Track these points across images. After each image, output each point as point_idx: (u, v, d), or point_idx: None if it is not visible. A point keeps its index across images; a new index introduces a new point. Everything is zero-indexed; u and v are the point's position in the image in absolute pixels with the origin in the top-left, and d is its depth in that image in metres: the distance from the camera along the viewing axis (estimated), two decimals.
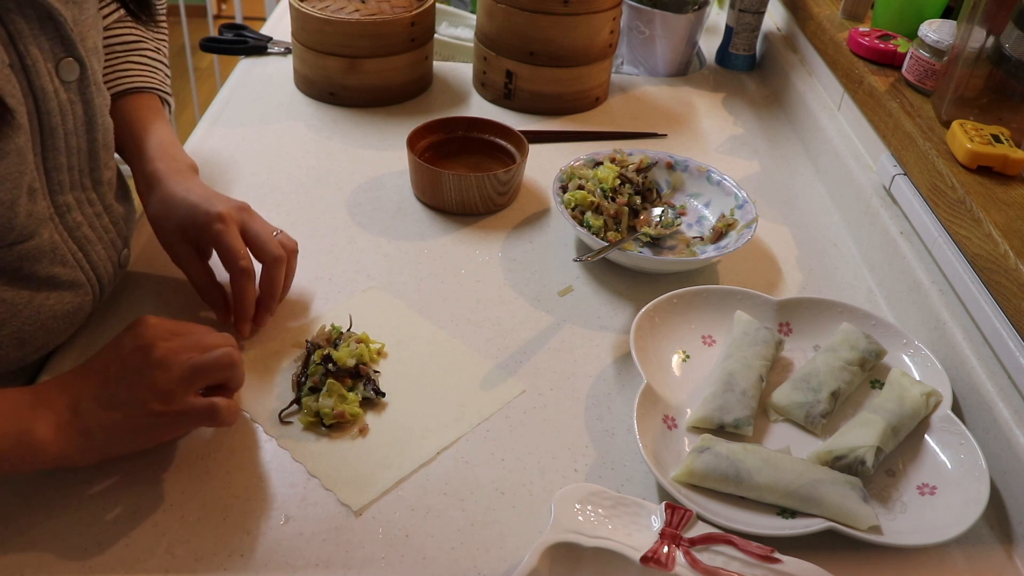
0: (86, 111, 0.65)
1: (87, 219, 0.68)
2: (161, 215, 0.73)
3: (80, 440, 0.56)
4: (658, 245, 0.91)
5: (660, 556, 0.56)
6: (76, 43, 0.61)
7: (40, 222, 0.63)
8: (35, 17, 0.58)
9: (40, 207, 0.63)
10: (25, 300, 0.64)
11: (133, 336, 0.60)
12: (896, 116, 0.91)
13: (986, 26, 0.83)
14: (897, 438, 0.67)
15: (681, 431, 0.69)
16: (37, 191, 0.62)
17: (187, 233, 0.72)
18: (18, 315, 0.64)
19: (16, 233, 0.61)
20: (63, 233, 0.66)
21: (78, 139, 0.65)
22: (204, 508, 0.60)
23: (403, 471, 0.64)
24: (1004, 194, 0.77)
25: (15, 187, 0.59)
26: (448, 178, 0.91)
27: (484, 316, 0.80)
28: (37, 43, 0.59)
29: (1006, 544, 0.64)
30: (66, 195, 0.66)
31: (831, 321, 0.78)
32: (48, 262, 0.65)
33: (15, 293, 0.63)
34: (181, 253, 0.73)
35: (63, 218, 0.66)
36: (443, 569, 0.58)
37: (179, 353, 0.59)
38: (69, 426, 0.56)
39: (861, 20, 1.14)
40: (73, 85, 0.63)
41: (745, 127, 1.18)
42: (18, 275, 0.63)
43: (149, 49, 0.84)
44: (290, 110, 1.11)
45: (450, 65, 1.27)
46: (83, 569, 0.56)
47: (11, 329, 0.64)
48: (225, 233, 0.70)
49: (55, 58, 0.61)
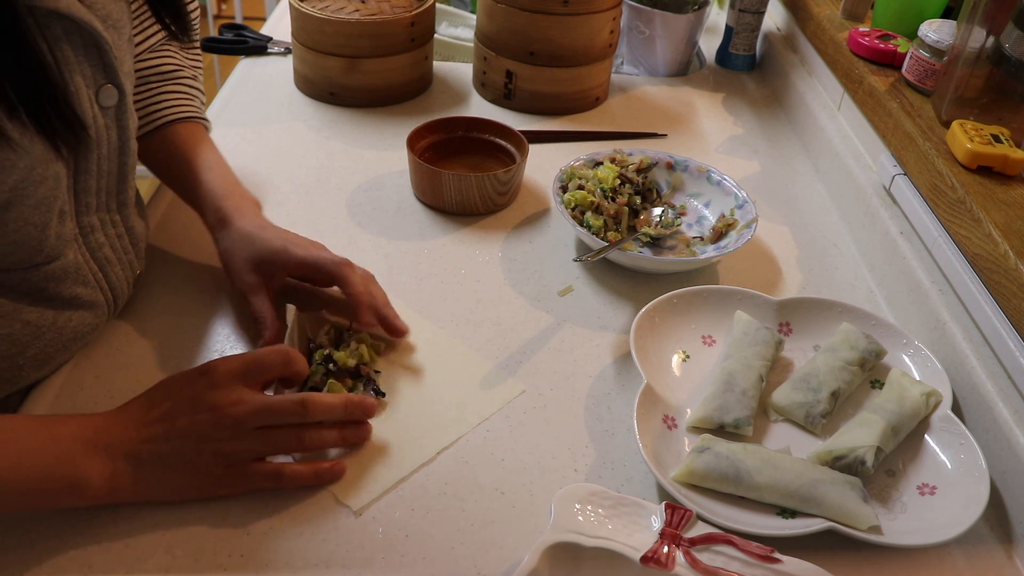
0: (120, 136, 0.65)
1: (109, 240, 0.69)
2: (233, 249, 0.74)
3: (132, 488, 0.57)
4: (658, 245, 0.91)
5: (660, 556, 0.56)
6: (117, 70, 0.61)
7: (66, 243, 0.63)
8: (81, 44, 0.58)
9: (67, 228, 0.63)
10: (49, 321, 0.64)
11: (207, 389, 0.59)
12: (896, 116, 0.91)
13: (986, 26, 0.83)
14: (897, 438, 0.67)
15: (681, 431, 0.69)
16: (66, 213, 0.63)
17: (261, 265, 0.73)
18: (42, 337, 0.64)
19: (44, 255, 0.62)
20: (85, 253, 0.66)
21: (110, 163, 0.65)
22: (204, 508, 0.60)
23: (403, 471, 0.64)
24: (1004, 194, 0.77)
25: (48, 211, 0.60)
26: (448, 178, 0.91)
27: (484, 316, 0.80)
28: (81, 70, 0.59)
29: (1006, 544, 0.64)
30: (91, 216, 0.66)
31: (831, 321, 0.78)
32: (72, 282, 0.65)
33: (39, 314, 0.64)
34: (250, 281, 0.74)
35: (86, 238, 0.66)
36: (443, 569, 0.58)
37: (250, 419, 0.59)
38: (124, 474, 0.56)
39: (861, 20, 1.14)
40: (111, 111, 0.63)
41: (745, 127, 1.18)
42: (42, 296, 0.64)
43: (187, 77, 0.85)
44: (290, 110, 1.11)
45: (450, 65, 1.27)
46: (83, 569, 0.56)
47: (34, 351, 0.64)
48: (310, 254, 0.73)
49: (96, 84, 0.61)
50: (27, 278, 0.62)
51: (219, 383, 0.59)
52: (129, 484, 0.56)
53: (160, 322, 0.76)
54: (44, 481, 0.54)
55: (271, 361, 0.62)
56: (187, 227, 0.87)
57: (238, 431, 0.58)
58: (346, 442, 0.64)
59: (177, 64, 0.84)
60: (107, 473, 0.55)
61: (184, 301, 0.78)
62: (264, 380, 0.62)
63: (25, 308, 0.62)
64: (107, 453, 0.56)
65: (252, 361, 0.61)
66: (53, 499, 0.56)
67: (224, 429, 0.58)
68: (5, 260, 0.60)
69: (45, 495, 0.55)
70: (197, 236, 0.86)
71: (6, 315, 0.61)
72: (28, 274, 0.62)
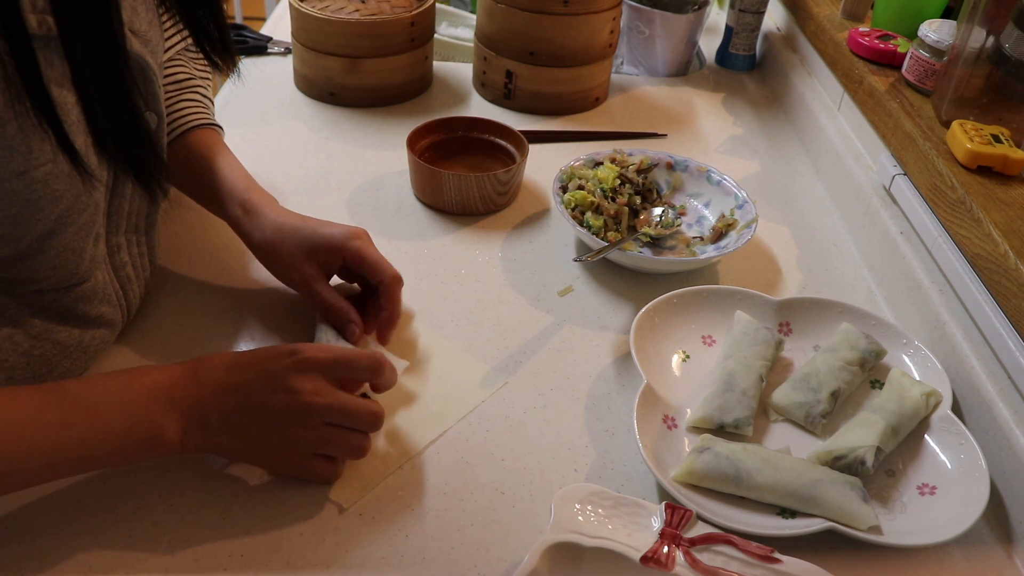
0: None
1: (131, 259, 0.69)
2: (277, 240, 0.73)
3: (203, 443, 0.58)
4: (658, 245, 0.91)
5: (660, 556, 0.56)
6: (160, 98, 0.62)
7: (97, 264, 0.64)
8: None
9: (100, 250, 0.64)
10: (76, 340, 0.65)
11: (289, 371, 0.59)
12: (896, 116, 0.91)
13: (986, 26, 0.83)
14: (897, 438, 0.67)
15: (681, 431, 0.69)
16: (100, 236, 0.63)
17: (315, 254, 0.73)
18: (69, 355, 0.65)
19: (79, 277, 0.62)
20: (110, 272, 0.67)
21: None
22: (204, 508, 0.60)
23: (389, 467, 0.64)
24: (1004, 194, 0.77)
25: (87, 236, 0.60)
26: (448, 178, 0.91)
27: (484, 316, 0.80)
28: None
29: (1006, 544, 0.64)
30: (119, 237, 0.66)
31: (831, 321, 0.78)
32: (98, 302, 0.66)
33: (67, 334, 0.64)
34: (308, 274, 0.73)
35: (112, 258, 0.67)
36: (443, 569, 0.58)
37: (323, 412, 0.59)
38: (195, 436, 0.58)
39: (861, 20, 1.14)
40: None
41: (745, 127, 1.18)
42: (71, 315, 0.64)
43: (199, 86, 0.85)
44: (290, 110, 1.11)
45: (450, 65, 1.27)
46: (83, 569, 0.56)
47: (62, 370, 0.65)
48: (367, 247, 0.72)
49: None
50: (59, 299, 0.62)
51: (304, 368, 0.59)
52: (200, 440, 0.58)
53: (167, 328, 0.75)
54: (124, 441, 0.55)
55: (360, 365, 0.62)
56: (193, 228, 0.87)
57: (307, 420, 0.59)
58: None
59: (189, 73, 0.85)
60: (181, 428, 0.57)
61: (191, 306, 0.78)
62: (347, 380, 0.63)
63: (55, 328, 0.63)
64: (181, 410, 0.57)
65: (342, 359, 0.61)
66: (134, 456, 0.58)
67: (295, 414, 0.58)
68: (42, 282, 0.60)
69: (125, 454, 0.57)
70: (204, 237, 0.86)
71: (39, 336, 0.62)
72: (60, 295, 0.62)
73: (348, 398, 0.60)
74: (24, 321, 0.61)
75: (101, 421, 0.55)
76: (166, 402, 0.57)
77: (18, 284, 0.59)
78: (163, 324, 0.75)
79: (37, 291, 0.61)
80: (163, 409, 0.56)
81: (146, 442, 0.56)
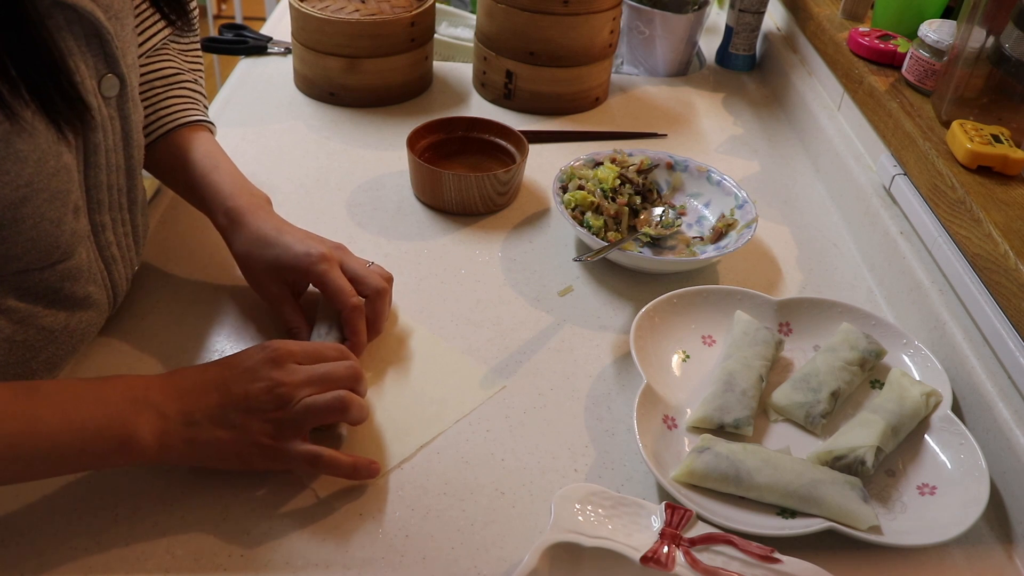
0: (124, 127, 0.65)
1: (117, 239, 0.69)
2: (252, 254, 0.74)
3: (183, 448, 0.58)
4: (658, 245, 0.91)
5: (660, 556, 0.56)
6: (119, 60, 0.61)
7: (79, 240, 0.64)
8: (82, 34, 0.58)
9: (81, 225, 0.63)
10: (61, 324, 0.65)
11: (264, 363, 0.61)
12: (896, 116, 0.91)
13: (986, 26, 0.83)
14: (897, 438, 0.67)
15: (681, 431, 0.69)
16: (80, 209, 0.63)
17: (282, 273, 0.73)
18: (55, 340, 0.65)
19: (60, 252, 0.62)
20: (94, 251, 0.66)
21: (117, 156, 0.65)
22: (204, 508, 0.60)
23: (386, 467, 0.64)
24: (1004, 194, 0.77)
25: (63, 205, 0.60)
26: (448, 178, 0.91)
27: (484, 316, 0.80)
28: (83, 59, 0.59)
29: (1006, 544, 0.64)
30: (103, 215, 0.66)
31: (831, 321, 0.78)
32: (84, 281, 0.65)
33: (53, 317, 0.64)
34: (275, 292, 0.74)
35: (97, 237, 0.66)
36: (443, 569, 0.58)
37: (300, 388, 0.60)
38: (176, 434, 0.57)
39: (861, 20, 1.14)
40: (113, 101, 0.63)
41: (745, 127, 1.18)
42: (57, 296, 0.64)
43: (188, 81, 0.85)
44: (290, 110, 1.11)
45: (450, 65, 1.27)
46: (83, 569, 0.56)
47: (47, 354, 0.65)
48: (330, 273, 0.72)
49: (98, 74, 0.61)
50: (44, 278, 0.62)
51: (277, 360, 0.61)
52: (180, 444, 0.57)
53: (160, 322, 0.76)
54: (96, 440, 0.55)
55: (329, 355, 0.64)
56: (187, 225, 0.87)
57: (289, 400, 0.59)
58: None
59: (177, 68, 0.84)
60: (158, 431, 0.56)
61: (184, 300, 0.78)
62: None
63: (41, 312, 0.63)
64: (158, 412, 0.57)
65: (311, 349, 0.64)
66: (105, 458, 0.56)
67: (277, 397, 0.59)
68: (24, 259, 0.60)
69: (97, 455, 0.55)
70: (198, 235, 0.86)
71: (22, 320, 0.62)
72: (44, 274, 0.62)
73: (323, 365, 0.62)
74: (7, 306, 0.61)
75: (73, 417, 0.54)
76: (141, 404, 0.56)
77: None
78: (158, 322, 0.76)
79: (21, 272, 0.60)
80: (137, 411, 0.56)
81: (119, 443, 0.55)
